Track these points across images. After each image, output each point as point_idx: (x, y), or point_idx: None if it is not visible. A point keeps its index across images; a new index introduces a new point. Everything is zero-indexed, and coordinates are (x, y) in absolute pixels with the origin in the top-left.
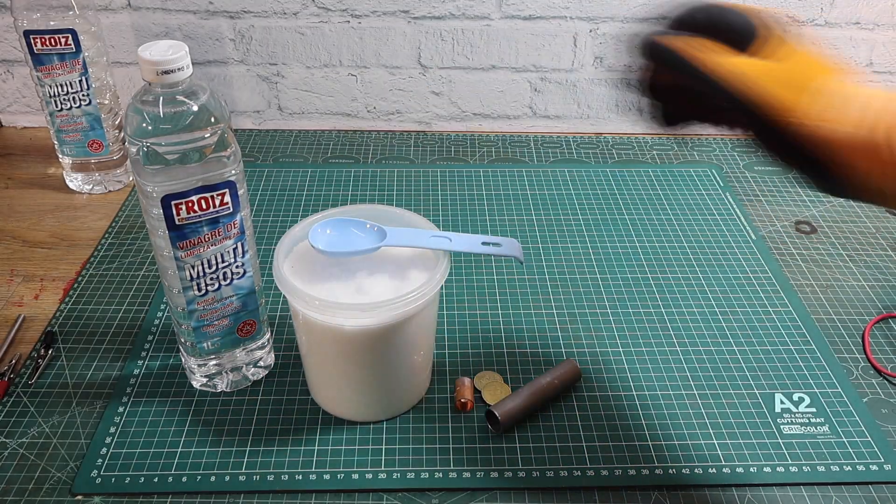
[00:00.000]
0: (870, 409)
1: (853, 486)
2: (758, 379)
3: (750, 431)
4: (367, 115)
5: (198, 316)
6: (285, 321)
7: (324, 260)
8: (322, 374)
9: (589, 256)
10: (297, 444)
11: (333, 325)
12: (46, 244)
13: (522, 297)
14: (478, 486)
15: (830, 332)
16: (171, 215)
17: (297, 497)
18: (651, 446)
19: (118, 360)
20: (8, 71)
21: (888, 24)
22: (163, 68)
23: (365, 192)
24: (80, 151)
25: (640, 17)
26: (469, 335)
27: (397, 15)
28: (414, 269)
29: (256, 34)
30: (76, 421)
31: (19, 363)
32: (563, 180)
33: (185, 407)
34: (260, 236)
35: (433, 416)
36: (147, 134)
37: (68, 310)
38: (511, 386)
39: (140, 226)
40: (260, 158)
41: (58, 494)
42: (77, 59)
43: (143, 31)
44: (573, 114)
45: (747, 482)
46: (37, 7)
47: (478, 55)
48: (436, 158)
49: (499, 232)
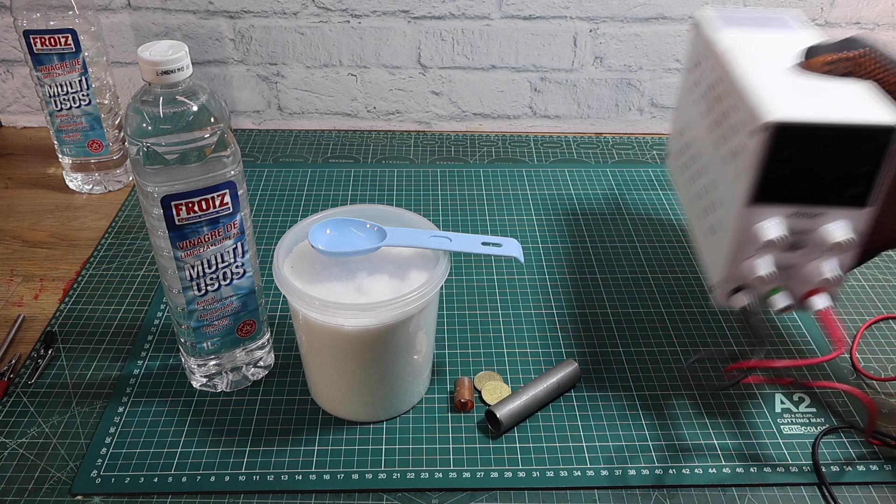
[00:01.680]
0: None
1: (853, 487)
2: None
3: (750, 431)
4: (367, 115)
5: (198, 316)
6: (285, 321)
7: (324, 260)
8: (322, 375)
9: (589, 256)
10: (297, 444)
11: (333, 325)
12: (46, 244)
13: (522, 297)
14: (478, 486)
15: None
16: (171, 215)
17: (297, 497)
18: (651, 446)
19: (118, 360)
20: (8, 71)
21: (888, 24)
22: (163, 68)
23: (365, 192)
24: (79, 151)
25: (641, 17)
26: (469, 335)
27: (397, 15)
28: (414, 269)
29: (256, 34)
30: (76, 421)
31: (19, 363)
32: (563, 180)
33: (185, 407)
34: (260, 236)
35: (433, 416)
36: (147, 134)
37: (68, 310)
38: (511, 386)
39: (140, 226)
40: (260, 158)
41: (57, 494)
42: (77, 59)
43: (142, 31)
44: (573, 114)
45: (747, 482)
46: (37, 7)
47: (478, 55)
48: (436, 158)
49: (499, 232)
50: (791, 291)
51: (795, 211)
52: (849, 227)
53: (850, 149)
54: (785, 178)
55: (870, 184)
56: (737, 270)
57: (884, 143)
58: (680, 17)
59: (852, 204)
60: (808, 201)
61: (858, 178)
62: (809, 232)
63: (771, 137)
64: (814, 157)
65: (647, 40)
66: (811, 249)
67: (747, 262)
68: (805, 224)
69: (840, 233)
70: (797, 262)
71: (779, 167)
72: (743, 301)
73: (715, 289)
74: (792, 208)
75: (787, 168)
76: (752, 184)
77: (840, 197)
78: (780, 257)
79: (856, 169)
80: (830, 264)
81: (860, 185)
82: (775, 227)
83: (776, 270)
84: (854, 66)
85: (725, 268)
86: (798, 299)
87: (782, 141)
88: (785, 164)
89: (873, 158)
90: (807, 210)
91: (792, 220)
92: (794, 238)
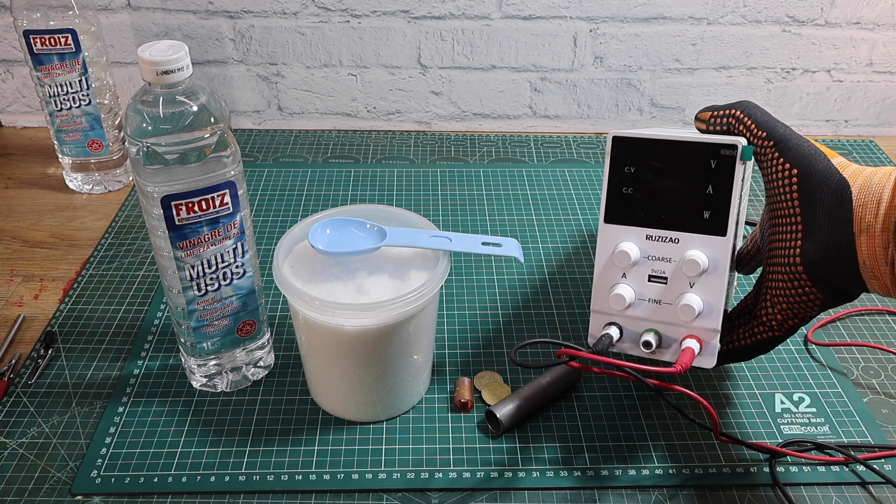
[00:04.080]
0: (870, 409)
1: (853, 487)
2: (758, 379)
3: (750, 432)
4: (367, 115)
5: (197, 316)
6: (285, 321)
7: (324, 260)
8: (322, 374)
9: (589, 256)
10: (297, 444)
11: (333, 325)
12: (46, 244)
13: (522, 297)
14: (478, 486)
15: (831, 331)
16: (171, 215)
17: (297, 497)
18: (651, 446)
19: (118, 360)
20: (8, 71)
21: (888, 24)
22: (163, 68)
23: (365, 192)
24: (79, 151)
25: (641, 17)
26: (469, 335)
27: (397, 15)
28: (414, 269)
29: (256, 34)
30: (76, 421)
31: (19, 363)
32: (563, 180)
33: (184, 407)
34: (260, 236)
35: (433, 416)
36: (147, 134)
37: (68, 310)
38: (511, 386)
39: (140, 226)
40: (260, 158)
41: (57, 494)
42: (77, 59)
43: (142, 31)
44: (573, 114)
45: (748, 482)
46: (37, 7)
47: (478, 55)
48: (436, 158)
49: (499, 232)
50: (665, 335)
51: (651, 234)
52: (703, 257)
53: (690, 167)
54: (633, 198)
55: (718, 209)
56: (602, 294)
57: (721, 163)
58: (680, 17)
59: (706, 231)
60: (661, 225)
61: (703, 200)
62: (669, 261)
63: (612, 148)
64: (655, 175)
65: (647, 40)
66: (675, 283)
67: (612, 289)
68: (664, 251)
69: (693, 262)
70: (663, 297)
71: (622, 182)
72: (606, 336)
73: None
74: (646, 230)
75: (630, 184)
76: (605, 200)
77: (689, 222)
78: (647, 289)
79: (696, 190)
80: (690, 299)
81: (706, 209)
82: (630, 248)
83: (637, 298)
84: (733, 121)
85: (593, 292)
86: (678, 343)
87: (621, 153)
88: (628, 180)
89: (711, 178)
90: (661, 234)
91: (649, 245)
92: (655, 266)
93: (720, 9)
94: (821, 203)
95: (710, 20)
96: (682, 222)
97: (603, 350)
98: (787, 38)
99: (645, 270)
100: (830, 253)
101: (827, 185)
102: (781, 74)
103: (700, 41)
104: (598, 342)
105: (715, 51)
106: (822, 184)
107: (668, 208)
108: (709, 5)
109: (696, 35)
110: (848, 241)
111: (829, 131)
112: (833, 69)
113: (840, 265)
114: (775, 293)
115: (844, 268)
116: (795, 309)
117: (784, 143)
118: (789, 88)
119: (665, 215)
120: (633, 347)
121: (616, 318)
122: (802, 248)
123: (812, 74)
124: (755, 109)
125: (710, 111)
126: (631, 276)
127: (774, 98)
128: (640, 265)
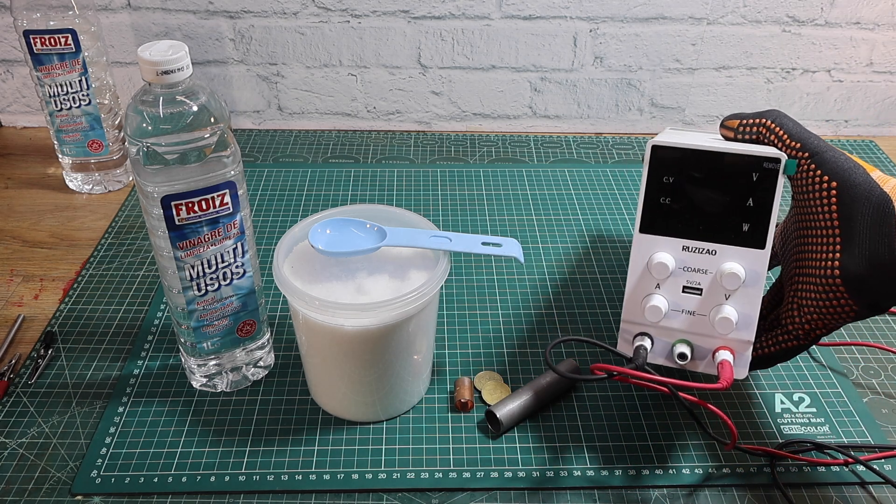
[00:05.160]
0: (870, 409)
1: (853, 487)
2: (758, 379)
3: (750, 432)
4: (367, 115)
5: (197, 316)
6: (285, 321)
7: (324, 260)
8: (322, 374)
9: (589, 256)
10: (297, 444)
11: (333, 325)
12: (46, 244)
13: (522, 297)
14: (478, 486)
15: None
16: (171, 215)
17: (297, 497)
18: (651, 446)
19: (118, 360)
20: (8, 71)
21: (888, 24)
22: (163, 68)
23: (365, 192)
24: (79, 151)
25: (641, 17)
26: (469, 335)
27: (397, 15)
28: (414, 269)
29: (256, 34)
30: (76, 421)
31: (19, 363)
32: (563, 180)
33: (184, 407)
34: (260, 236)
35: (433, 416)
36: (147, 134)
37: (68, 310)
38: (511, 386)
39: (140, 226)
40: (260, 158)
41: (57, 494)
42: (77, 59)
43: (142, 31)
44: (573, 114)
45: (748, 482)
46: (37, 7)
47: (478, 55)
48: (436, 158)
49: (499, 232)
50: (698, 346)
51: (688, 245)
52: (741, 270)
53: (732, 178)
54: (671, 208)
55: (758, 222)
56: (634, 305)
57: (763, 176)
58: (680, 17)
59: (745, 243)
60: (698, 236)
61: (743, 213)
62: (705, 272)
63: (651, 157)
64: (694, 185)
65: (647, 40)
66: (711, 295)
67: (645, 299)
68: (700, 262)
69: (732, 275)
70: (698, 308)
71: (660, 192)
72: (642, 348)
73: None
74: (683, 241)
75: (668, 194)
76: (641, 210)
77: (727, 233)
78: (681, 300)
79: (737, 202)
80: (728, 311)
81: (746, 221)
82: (666, 259)
83: (671, 309)
84: (764, 130)
85: (625, 302)
86: (710, 354)
87: (660, 162)
88: (666, 190)
89: (753, 191)
90: (698, 245)
91: (685, 256)
92: (690, 277)
93: (720, 9)
94: (861, 217)
95: (710, 20)
96: (721, 234)
97: (641, 365)
98: (787, 38)
99: (680, 281)
100: (872, 268)
101: (868, 199)
102: (781, 74)
103: (700, 41)
104: (636, 355)
105: (715, 51)
106: (862, 198)
107: (707, 219)
108: (709, 5)
109: (696, 35)
110: (890, 257)
111: (829, 131)
112: (833, 69)
113: (882, 281)
114: (805, 303)
115: (886, 283)
116: (826, 319)
117: (820, 156)
118: (789, 88)
119: (703, 226)
120: (661, 358)
121: (647, 329)
122: (842, 262)
123: (812, 74)
124: (786, 119)
125: (737, 119)
126: (665, 287)
127: (774, 98)
128: (674, 276)
